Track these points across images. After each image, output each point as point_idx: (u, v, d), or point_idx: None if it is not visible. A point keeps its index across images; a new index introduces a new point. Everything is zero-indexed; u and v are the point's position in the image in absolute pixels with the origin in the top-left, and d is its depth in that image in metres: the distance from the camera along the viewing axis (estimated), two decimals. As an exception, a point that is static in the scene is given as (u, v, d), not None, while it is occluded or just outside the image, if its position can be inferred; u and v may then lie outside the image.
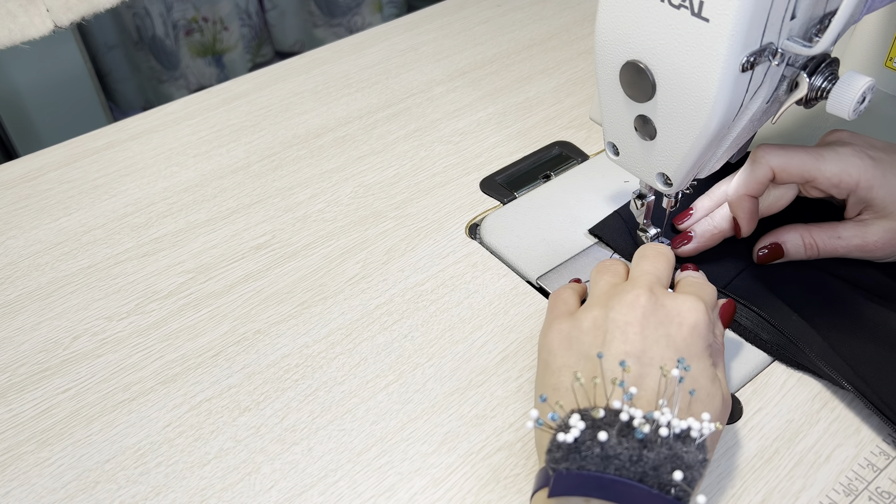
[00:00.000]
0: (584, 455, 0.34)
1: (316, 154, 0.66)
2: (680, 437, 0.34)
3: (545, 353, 0.40)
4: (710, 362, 0.39)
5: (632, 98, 0.41)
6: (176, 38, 1.57)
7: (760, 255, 0.50)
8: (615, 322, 0.39)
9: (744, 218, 0.49)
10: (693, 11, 0.36)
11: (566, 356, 0.39)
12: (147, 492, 0.42)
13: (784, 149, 0.47)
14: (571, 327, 0.40)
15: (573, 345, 0.39)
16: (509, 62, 0.76)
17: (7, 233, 0.59)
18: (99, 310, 0.53)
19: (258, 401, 0.46)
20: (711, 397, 0.37)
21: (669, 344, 0.38)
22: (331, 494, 0.42)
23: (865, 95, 0.39)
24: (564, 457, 0.34)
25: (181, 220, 0.60)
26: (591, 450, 0.34)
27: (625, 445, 0.33)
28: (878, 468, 0.41)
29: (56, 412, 0.46)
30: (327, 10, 1.72)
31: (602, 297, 0.41)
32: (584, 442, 0.34)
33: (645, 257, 0.43)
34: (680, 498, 0.33)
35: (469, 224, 0.58)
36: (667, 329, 0.38)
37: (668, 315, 0.39)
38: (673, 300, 0.39)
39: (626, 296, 0.39)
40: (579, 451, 0.34)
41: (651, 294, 0.39)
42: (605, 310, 0.39)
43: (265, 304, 0.52)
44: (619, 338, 0.38)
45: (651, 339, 0.38)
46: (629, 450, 0.33)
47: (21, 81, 1.22)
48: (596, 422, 0.34)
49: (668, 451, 0.33)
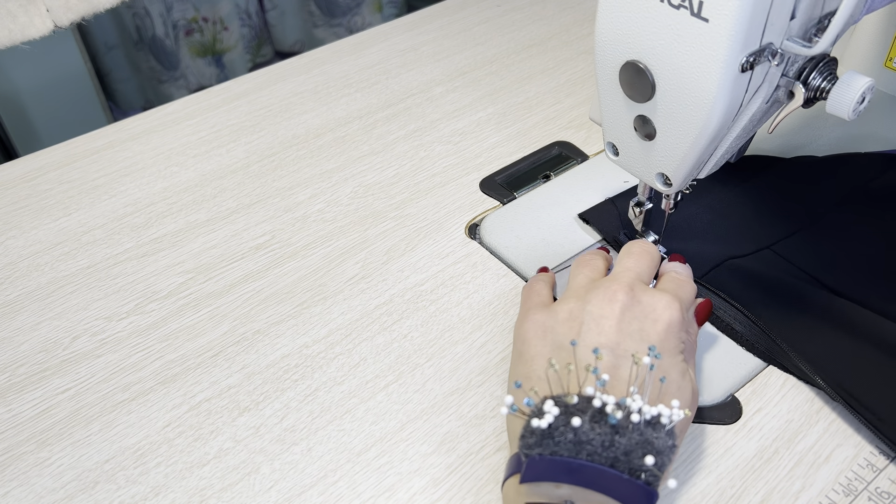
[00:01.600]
0: (557, 441, 0.34)
1: (316, 154, 0.66)
2: (650, 423, 0.35)
3: (520, 342, 0.41)
4: (681, 358, 0.40)
5: (631, 98, 0.41)
6: (176, 38, 1.57)
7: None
8: (591, 314, 0.39)
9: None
10: (693, 11, 0.36)
11: (540, 345, 0.40)
12: (146, 492, 0.42)
13: None
14: (547, 317, 0.41)
15: (548, 334, 0.40)
16: (509, 62, 0.76)
17: (7, 233, 0.59)
18: (98, 310, 0.53)
19: (258, 401, 0.46)
20: (682, 389, 0.38)
21: (643, 338, 0.39)
22: (330, 495, 0.42)
23: (865, 96, 0.39)
24: (538, 442, 0.34)
25: (181, 220, 0.60)
26: (565, 435, 0.34)
27: (597, 431, 0.34)
28: (878, 468, 0.41)
29: (55, 412, 0.46)
30: (327, 10, 1.72)
31: (580, 290, 0.42)
32: (557, 428, 0.34)
33: (630, 254, 0.44)
34: (650, 483, 0.34)
35: (469, 224, 0.58)
36: (641, 324, 0.39)
37: (643, 311, 0.40)
38: (650, 297, 0.40)
39: (605, 290, 0.40)
40: (552, 437, 0.34)
41: (630, 290, 0.40)
42: (583, 302, 0.40)
43: (265, 304, 0.52)
44: (594, 329, 0.39)
45: (625, 332, 0.39)
46: (601, 435, 0.34)
47: (21, 81, 1.23)
48: (569, 408, 0.35)
49: (639, 436, 0.34)
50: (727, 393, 0.45)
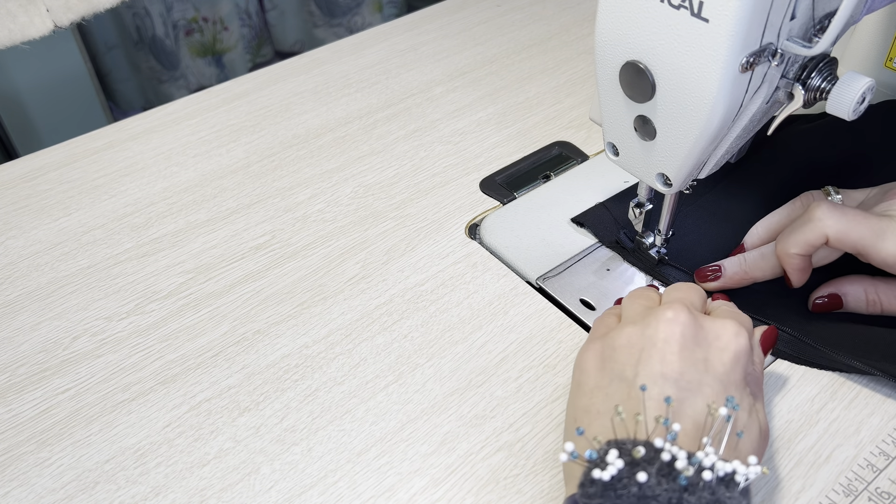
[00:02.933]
0: (619, 493, 0.31)
1: (316, 154, 0.66)
2: (723, 480, 0.32)
3: (578, 372, 0.39)
4: (747, 391, 0.37)
5: (631, 98, 0.41)
6: (176, 38, 1.57)
7: (817, 304, 0.48)
8: (651, 340, 0.36)
9: (794, 273, 0.46)
10: (693, 12, 0.36)
11: (599, 377, 0.37)
12: (147, 492, 0.42)
13: (845, 215, 0.44)
14: (605, 346, 0.38)
15: (606, 364, 0.37)
16: (509, 62, 0.76)
17: (7, 233, 0.59)
18: (99, 310, 0.53)
19: (258, 401, 0.46)
20: (748, 430, 0.36)
21: (709, 369, 0.36)
22: (330, 495, 0.42)
23: (865, 96, 0.39)
24: (599, 493, 0.32)
25: (181, 220, 0.60)
26: (628, 489, 0.31)
27: (664, 487, 0.31)
28: (878, 468, 0.41)
29: (56, 412, 0.46)
30: (327, 10, 1.72)
31: (636, 316, 0.39)
32: (620, 479, 0.32)
33: (677, 289, 0.41)
34: None
35: (469, 224, 0.58)
36: (706, 353, 0.36)
37: (706, 338, 0.37)
38: (713, 323, 0.37)
39: (665, 313, 0.37)
40: (615, 489, 0.31)
41: (690, 313, 0.37)
42: (641, 327, 0.37)
43: (265, 304, 0.52)
44: (655, 357, 0.36)
45: (689, 361, 0.36)
46: (668, 492, 0.31)
47: (21, 81, 1.23)
48: (635, 460, 0.32)
49: (710, 495, 0.31)
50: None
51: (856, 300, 0.47)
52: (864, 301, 0.47)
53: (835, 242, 0.44)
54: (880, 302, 0.46)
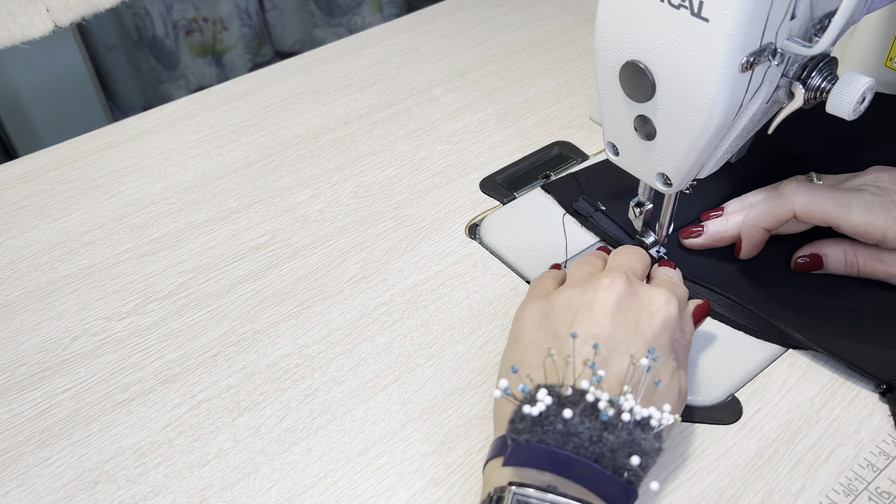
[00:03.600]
0: (545, 429, 0.34)
1: (316, 154, 0.66)
2: (640, 423, 0.35)
3: (517, 328, 0.41)
4: (672, 356, 0.39)
5: (631, 98, 0.41)
6: (176, 38, 1.57)
7: (799, 263, 0.50)
8: (588, 304, 0.39)
9: (749, 246, 0.50)
10: (693, 11, 0.36)
11: (535, 333, 0.40)
12: (147, 492, 0.42)
13: (811, 191, 0.47)
14: (545, 306, 0.41)
15: (543, 323, 0.40)
16: (509, 62, 0.76)
17: (7, 233, 0.59)
18: (98, 310, 0.53)
19: (258, 401, 0.46)
20: (668, 390, 0.38)
21: (638, 332, 0.39)
22: (330, 495, 0.42)
23: (865, 95, 0.39)
24: (527, 429, 0.35)
25: (181, 220, 0.60)
26: (554, 425, 0.34)
27: (587, 425, 0.34)
28: (878, 468, 0.41)
29: (55, 412, 0.46)
30: (327, 10, 1.72)
31: (578, 281, 0.42)
32: (547, 417, 0.35)
33: (621, 253, 0.44)
34: (632, 482, 0.34)
35: (469, 224, 0.58)
36: (637, 317, 0.39)
37: (640, 303, 0.40)
38: (647, 290, 0.40)
39: (603, 280, 0.40)
40: (542, 425, 0.35)
41: (627, 281, 0.40)
42: (580, 291, 0.40)
43: (265, 304, 0.52)
44: (588, 319, 0.39)
45: (620, 324, 0.39)
46: (590, 430, 0.34)
47: (21, 81, 1.22)
48: (562, 399, 0.35)
49: (627, 435, 0.35)
50: (727, 393, 0.45)
51: (836, 261, 0.49)
52: (843, 262, 0.49)
53: (802, 216, 0.47)
54: (857, 263, 0.49)
